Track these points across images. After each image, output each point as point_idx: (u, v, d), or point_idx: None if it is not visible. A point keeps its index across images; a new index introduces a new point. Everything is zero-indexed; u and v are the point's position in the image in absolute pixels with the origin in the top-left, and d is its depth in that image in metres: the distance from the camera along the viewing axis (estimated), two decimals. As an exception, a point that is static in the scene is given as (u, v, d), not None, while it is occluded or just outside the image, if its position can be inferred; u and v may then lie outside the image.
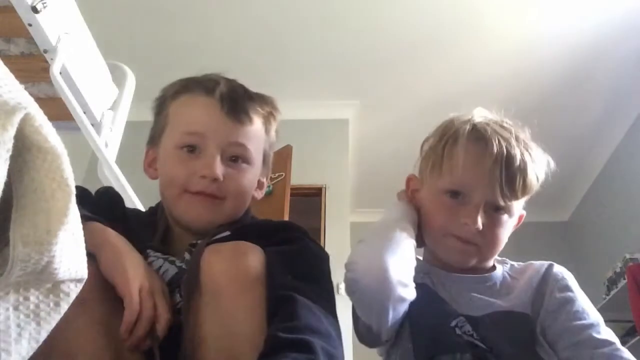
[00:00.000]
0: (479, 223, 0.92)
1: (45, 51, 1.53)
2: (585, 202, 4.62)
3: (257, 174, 0.98)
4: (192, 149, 0.92)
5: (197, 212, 0.91)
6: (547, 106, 3.66)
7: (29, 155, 0.48)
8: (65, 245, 0.50)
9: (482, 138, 0.94)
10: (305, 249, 0.88)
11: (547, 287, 0.94)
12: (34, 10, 1.40)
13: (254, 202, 1.01)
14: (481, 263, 0.98)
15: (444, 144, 0.97)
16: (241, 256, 0.78)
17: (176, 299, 0.81)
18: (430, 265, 1.00)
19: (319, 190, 3.68)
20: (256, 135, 0.96)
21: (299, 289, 0.76)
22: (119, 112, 1.86)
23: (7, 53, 1.65)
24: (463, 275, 0.97)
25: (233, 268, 0.76)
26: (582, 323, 0.89)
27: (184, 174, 0.91)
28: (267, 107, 0.99)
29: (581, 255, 4.40)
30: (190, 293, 0.77)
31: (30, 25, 1.45)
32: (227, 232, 0.88)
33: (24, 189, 0.48)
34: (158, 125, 0.99)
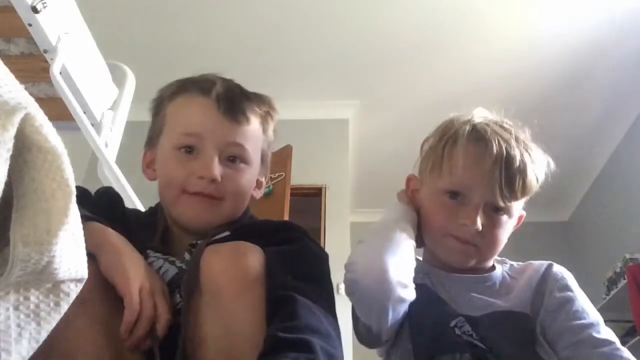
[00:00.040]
0: (479, 224, 0.92)
1: (45, 51, 1.53)
2: (585, 202, 4.62)
3: (255, 174, 0.98)
4: (190, 150, 0.92)
5: (195, 213, 0.91)
6: (547, 106, 3.66)
7: (29, 155, 0.48)
8: (66, 245, 0.50)
9: (481, 139, 0.94)
10: (305, 249, 0.88)
11: (547, 286, 0.94)
12: (34, 10, 1.40)
13: (253, 201, 1.01)
14: (480, 263, 0.98)
15: (443, 144, 0.97)
16: (241, 256, 0.78)
17: (176, 299, 0.81)
18: (429, 265, 1.00)
19: (319, 190, 3.67)
20: (254, 135, 0.96)
21: (298, 289, 0.76)
22: (119, 112, 1.85)
23: (7, 53, 1.65)
24: (462, 276, 0.97)
25: (233, 268, 0.76)
26: (582, 322, 0.89)
27: (182, 175, 0.91)
28: (264, 107, 0.99)
29: (581, 255, 4.40)
30: (190, 293, 0.77)
31: (30, 25, 1.45)
32: (227, 233, 0.89)
33: (24, 188, 0.48)
34: (155, 127, 0.99)
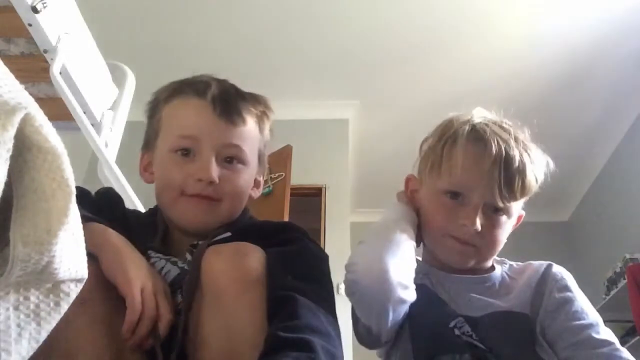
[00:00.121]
0: (478, 224, 0.92)
1: (45, 51, 1.53)
2: (585, 202, 4.62)
3: (253, 174, 0.98)
4: (187, 152, 0.92)
5: (193, 215, 0.91)
6: (547, 106, 3.66)
7: (29, 155, 0.48)
8: (66, 245, 0.50)
9: (481, 139, 0.94)
10: (305, 249, 0.88)
11: (546, 287, 0.94)
12: (34, 10, 1.40)
13: (251, 201, 1.01)
14: (480, 264, 0.98)
15: (443, 145, 0.97)
16: (242, 257, 0.78)
17: (178, 300, 0.81)
18: (429, 265, 1.00)
19: (319, 190, 3.67)
20: (250, 136, 0.96)
21: (299, 289, 0.77)
22: (119, 112, 1.86)
23: (7, 53, 1.65)
24: (462, 276, 0.97)
25: (234, 269, 0.76)
26: (581, 323, 0.89)
27: (180, 178, 0.91)
28: (260, 107, 0.99)
29: (581, 255, 4.40)
30: (192, 293, 0.77)
31: (30, 25, 1.45)
32: (228, 233, 0.89)
33: (24, 189, 0.48)
34: (152, 130, 0.98)
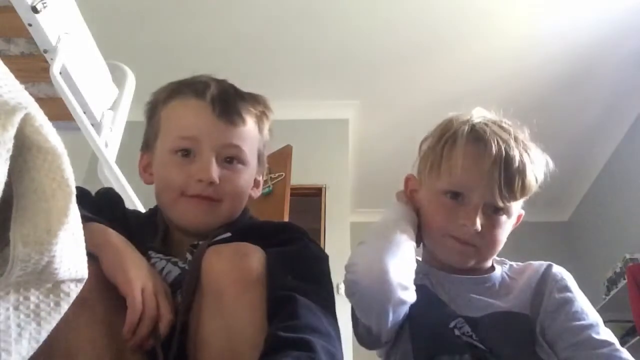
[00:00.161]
0: (478, 224, 0.91)
1: (45, 51, 1.53)
2: (585, 202, 4.62)
3: (252, 174, 0.98)
4: (187, 153, 0.92)
5: (194, 215, 0.91)
6: (546, 106, 3.66)
7: (29, 155, 0.48)
8: (66, 245, 0.50)
9: (480, 139, 0.94)
10: (305, 249, 0.88)
11: (546, 287, 0.94)
12: (34, 10, 1.40)
13: (251, 201, 1.01)
14: (480, 264, 0.98)
15: (442, 145, 0.97)
16: (242, 257, 0.78)
17: (179, 300, 0.81)
18: (429, 266, 1.00)
19: (319, 190, 3.67)
20: (250, 136, 0.96)
21: (299, 289, 0.77)
22: (119, 112, 1.86)
23: (7, 53, 1.66)
24: (462, 276, 0.97)
25: (234, 269, 0.76)
26: (581, 323, 0.89)
27: (180, 179, 0.91)
28: (259, 107, 0.99)
29: (581, 255, 4.40)
30: (192, 293, 0.77)
31: (30, 25, 1.45)
32: (228, 234, 0.89)
33: (24, 189, 0.48)
34: (151, 131, 0.98)
